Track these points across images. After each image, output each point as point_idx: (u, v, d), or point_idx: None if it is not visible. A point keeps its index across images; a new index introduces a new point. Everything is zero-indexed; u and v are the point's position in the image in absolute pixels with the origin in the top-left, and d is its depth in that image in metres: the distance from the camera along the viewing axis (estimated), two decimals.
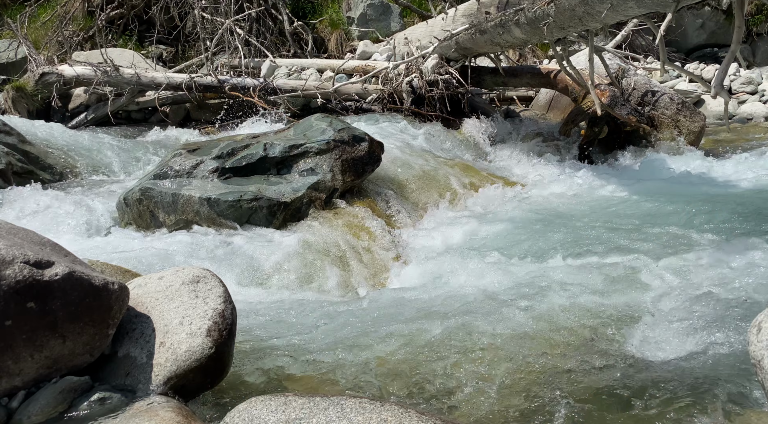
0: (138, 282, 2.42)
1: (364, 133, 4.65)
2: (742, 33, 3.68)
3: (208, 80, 7.86)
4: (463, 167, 5.46)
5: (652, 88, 6.14)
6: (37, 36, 10.47)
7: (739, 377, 2.29)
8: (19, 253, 1.96)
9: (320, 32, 10.39)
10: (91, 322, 2.07)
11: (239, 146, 4.46)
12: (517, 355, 2.56)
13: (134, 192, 4.24)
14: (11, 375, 1.98)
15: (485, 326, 2.78)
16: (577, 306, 2.92)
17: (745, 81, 8.32)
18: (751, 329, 2.05)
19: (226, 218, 4.02)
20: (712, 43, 10.38)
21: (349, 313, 3.12)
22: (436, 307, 3.06)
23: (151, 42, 10.17)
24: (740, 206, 4.21)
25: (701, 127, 6.11)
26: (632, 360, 2.52)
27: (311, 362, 2.60)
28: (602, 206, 4.61)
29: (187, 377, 2.09)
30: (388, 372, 2.50)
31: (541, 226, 4.24)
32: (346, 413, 1.76)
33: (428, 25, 9.07)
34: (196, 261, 3.54)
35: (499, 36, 5.53)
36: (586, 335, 2.71)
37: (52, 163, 5.29)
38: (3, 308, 1.90)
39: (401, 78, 6.90)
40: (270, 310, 3.18)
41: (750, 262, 3.30)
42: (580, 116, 6.22)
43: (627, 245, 3.74)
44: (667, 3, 3.63)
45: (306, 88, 7.51)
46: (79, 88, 8.36)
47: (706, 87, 4.83)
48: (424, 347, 2.67)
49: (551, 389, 2.32)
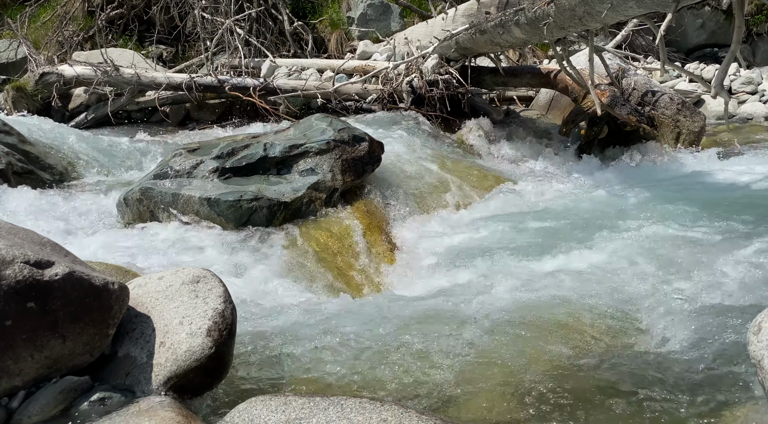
0: (138, 282, 2.42)
1: (364, 133, 4.65)
2: (742, 33, 3.68)
3: (208, 80, 7.86)
4: (464, 167, 5.46)
5: (652, 88, 6.14)
6: (37, 36, 10.47)
7: (739, 377, 2.29)
8: (19, 253, 1.96)
9: (320, 32, 10.39)
10: (91, 322, 2.07)
11: (239, 146, 4.46)
12: (516, 355, 2.56)
13: (134, 192, 4.24)
14: (11, 375, 1.98)
15: (484, 326, 2.78)
16: (577, 306, 2.92)
17: (745, 81, 8.31)
18: (751, 329, 2.05)
19: (226, 218, 4.02)
20: (712, 43, 10.37)
21: (348, 314, 3.12)
22: (436, 308, 3.06)
23: (151, 42, 10.17)
24: (740, 206, 4.21)
25: (701, 127, 6.11)
26: (632, 360, 2.52)
27: (311, 361, 2.60)
28: (602, 206, 4.61)
29: (187, 377, 2.09)
30: (387, 372, 2.50)
31: (540, 225, 4.24)
32: (346, 413, 1.76)
33: (428, 25, 9.06)
34: (195, 261, 3.54)
35: (499, 36, 5.53)
36: (585, 334, 2.71)
37: (52, 163, 5.28)
38: (3, 308, 1.90)
39: (401, 78, 6.90)
40: (270, 310, 3.18)
41: (750, 261, 3.30)
42: (580, 116, 6.22)
43: (626, 244, 3.74)
44: (667, 3, 3.63)
45: (306, 88, 7.51)
46: (79, 88, 8.37)
47: (706, 87, 4.84)
48: (423, 347, 2.67)
49: (550, 388, 2.32)
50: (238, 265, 3.63)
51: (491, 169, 5.73)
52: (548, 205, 4.73)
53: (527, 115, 7.45)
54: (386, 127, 6.08)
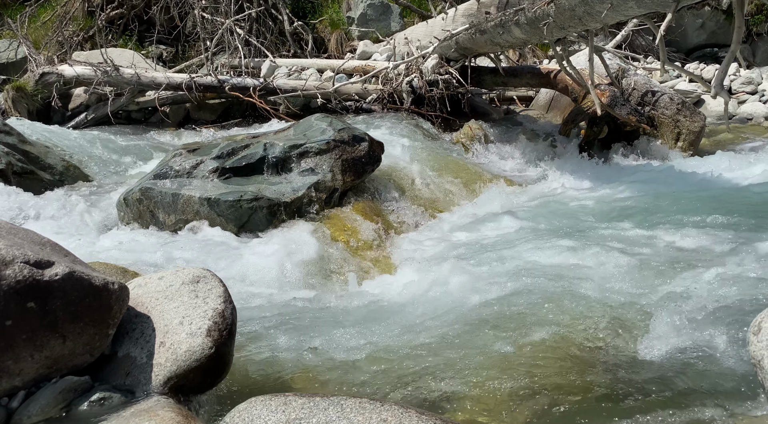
0: (138, 282, 2.42)
1: (364, 133, 4.65)
2: (742, 33, 3.68)
3: (208, 80, 7.86)
4: (463, 167, 5.46)
5: (652, 88, 6.14)
6: (37, 36, 10.47)
7: (739, 377, 2.29)
8: (19, 253, 1.96)
9: (320, 32, 10.38)
10: (91, 322, 2.07)
11: (239, 146, 4.46)
12: (515, 354, 2.56)
13: (134, 192, 4.24)
14: (11, 375, 1.98)
15: (483, 326, 2.78)
16: (576, 305, 2.92)
17: (745, 81, 8.31)
18: (751, 329, 2.05)
19: (227, 218, 4.02)
20: (712, 43, 10.37)
21: (348, 314, 3.12)
22: (436, 308, 3.06)
23: (151, 42, 10.17)
24: (739, 206, 4.21)
25: (701, 127, 6.11)
26: (631, 359, 2.52)
27: (311, 362, 2.60)
28: (601, 206, 4.61)
29: (187, 377, 2.09)
30: (387, 372, 2.50)
31: (540, 225, 4.24)
32: (346, 413, 1.76)
33: (428, 25, 9.06)
34: (193, 261, 3.54)
35: (499, 36, 5.53)
36: (584, 334, 2.71)
37: (52, 163, 5.29)
38: (3, 308, 1.90)
39: (401, 78, 6.90)
40: (269, 310, 3.18)
41: (750, 261, 3.30)
42: (580, 116, 6.22)
43: (626, 243, 3.73)
44: (667, 3, 3.63)
45: (306, 88, 7.51)
46: (79, 88, 8.36)
47: (706, 87, 4.83)
48: (422, 348, 2.67)
49: (550, 387, 2.32)
50: (239, 265, 3.62)
51: (491, 168, 5.73)
52: (548, 205, 4.73)
53: (527, 115, 7.44)
54: (386, 127, 6.08)
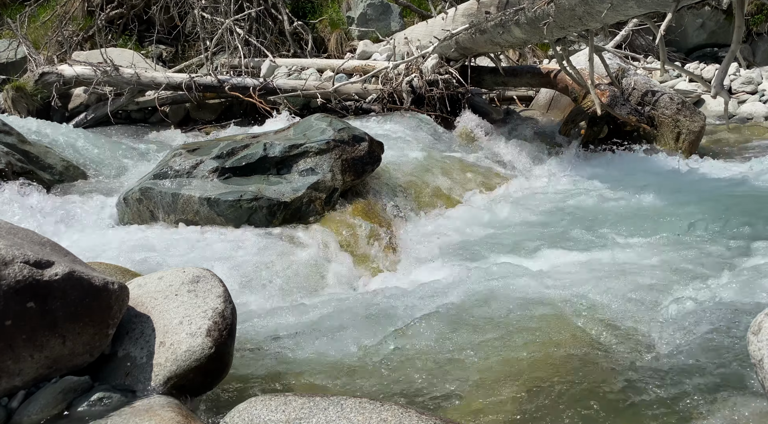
0: (138, 282, 2.42)
1: (364, 133, 4.64)
2: (742, 33, 3.68)
3: (208, 80, 7.86)
4: (463, 166, 5.46)
5: (652, 88, 6.14)
6: (37, 36, 10.48)
7: (739, 377, 2.29)
8: (19, 253, 1.96)
9: (320, 32, 10.39)
10: (91, 322, 2.07)
11: (239, 146, 4.46)
12: (515, 354, 2.56)
13: (134, 192, 4.24)
14: (11, 375, 1.97)
15: (482, 326, 2.78)
16: (576, 305, 2.92)
17: (745, 81, 8.32)
18: (751, 329, 2.05)
19: (226, 217, 4.02)
20: (712, 43, 10.38)
21: (347, 314, 3.12)
22: (435, 308, 3.06)
23: (151, 42, 10.17)
24: (739, 206, 4.21)
25: (701, 127, 6.11)
26: (631, 359, 2.52)
27: (311, 362, 2.60)
28: (601, 206, 4.61)
29: (187, 376, 2.09)
30: (387, 372, 2.50)
31: (540, 225, 4.24)
32: (346, 413, 1.76)
33: (428, 24, 9.06)
34: (193, 260, 3.53)
35: (499, 36, 5.53)
36: (585, 334, 2.71)
37: (51, 162, 5.28)
38: (3, 308, 1.90)
39: (401, 78, 6.90)
40: (269, 310, 3.18)
41: (750, 261, 3.30)
42: (580, 116, 6.22)
43: (625, 243, 3.74)
44: (667, 3, 3.63)
45: (306, 88, 7.51)
46: (78, 88, 8.37)
47: (706, 87, 4.84)
48: (422, 347, 2.67)
49: (549, 387, 2.32)
50: (238, 264, 3.62)
51: (490, 168, 5.73)
52: (547, 205, 4.73)
53: (527, 115, 7.44)
54: (386, 126, 6.08)
